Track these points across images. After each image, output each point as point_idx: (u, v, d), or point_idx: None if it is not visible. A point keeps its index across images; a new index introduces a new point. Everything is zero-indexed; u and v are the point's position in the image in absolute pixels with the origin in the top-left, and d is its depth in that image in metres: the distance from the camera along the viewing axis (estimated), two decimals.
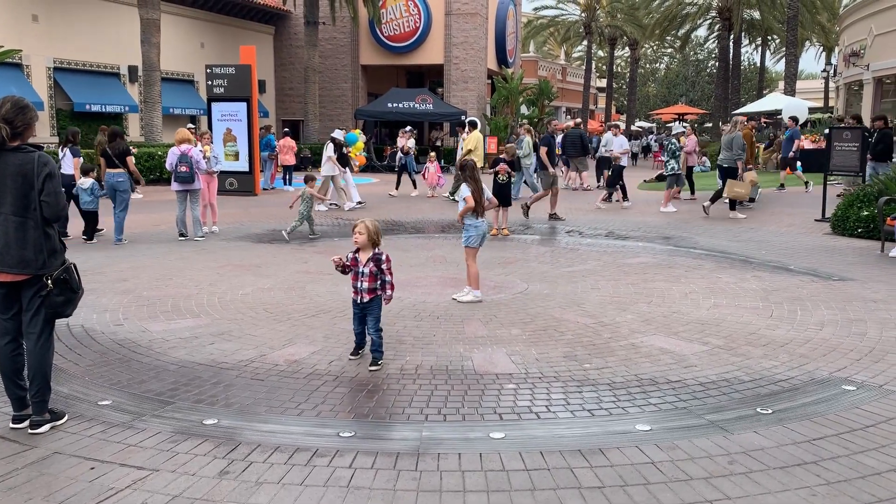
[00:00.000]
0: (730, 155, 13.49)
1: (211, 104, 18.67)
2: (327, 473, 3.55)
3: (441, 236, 11.53)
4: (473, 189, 7.10)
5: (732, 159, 13.46)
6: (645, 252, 9.93)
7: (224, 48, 29.13)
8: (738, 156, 13.40)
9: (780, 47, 52.18)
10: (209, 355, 5.44)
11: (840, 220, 11.22)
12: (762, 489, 3.37)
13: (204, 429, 4.11)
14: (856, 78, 32.04)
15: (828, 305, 6.80)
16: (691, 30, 48.09)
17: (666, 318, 6.42)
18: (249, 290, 7.65)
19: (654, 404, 4.44)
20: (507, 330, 6.10)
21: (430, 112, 28.70)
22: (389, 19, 31.55)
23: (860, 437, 3.94)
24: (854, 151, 12.19)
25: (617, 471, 3.56)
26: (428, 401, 4.51)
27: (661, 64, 72.45)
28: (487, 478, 3.50)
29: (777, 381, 4.82)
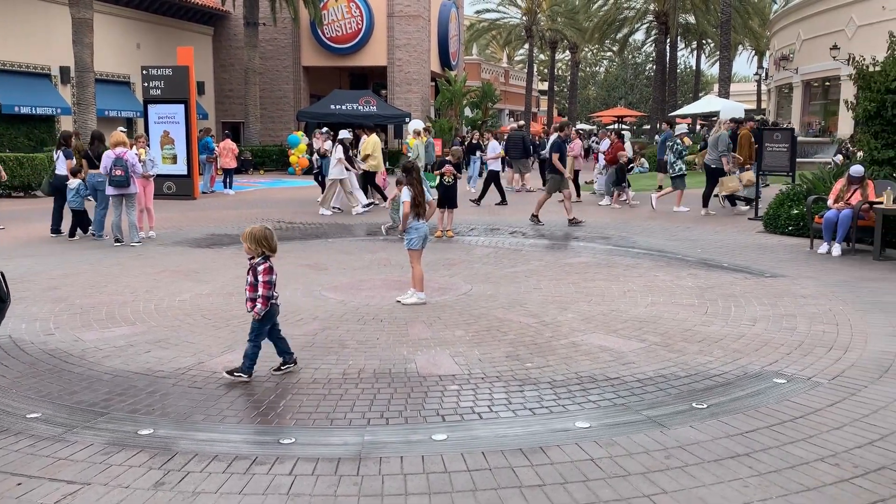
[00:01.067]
0: (716, 154, 13.91)
1: (147, 106, 18.24)
2: (267, 481, 3.50)
3: (386, 239, 11.48)
4: (416, 193, 7.10)
5: (719, 158, 13.90)
6: (586, 252, 10.08)
7: (161, 49, 28.46)
8: (722, 153, 13.83)
9: (714, 51, 53.73)
10: (145, 364, 5.30)
11: (771, 218, 11.61)
12: (697, 482, 3.45)
13: (139, 439, 4.00)
14: (786, 81, 33.20)
15: (760, 301, 7.02)
16: (629, 34, 49.15)
17: (605, 317, 6.53)
18: (187, 296, 7.49)
19: (593, 401, 4.51)
20: (451, 331, 6.11)
21: (373, 114, 28.55)
22: (331, 20, 31.34)
23: (790, 428, 4.07)
24: (784, 152, 12.62)
25: (557, 469, 3.60)
26: (370, 405, 4.49)
27: (600, 67, 73.80)
28: (429, 480, 3.50)
29: (712, 376, 4.95)
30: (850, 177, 9.70)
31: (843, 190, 9.77)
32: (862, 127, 11.44)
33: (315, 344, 5.76)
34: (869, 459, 3.67)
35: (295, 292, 7.61)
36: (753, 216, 13.00)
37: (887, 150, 10.68)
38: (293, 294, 7.53)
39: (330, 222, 13.61)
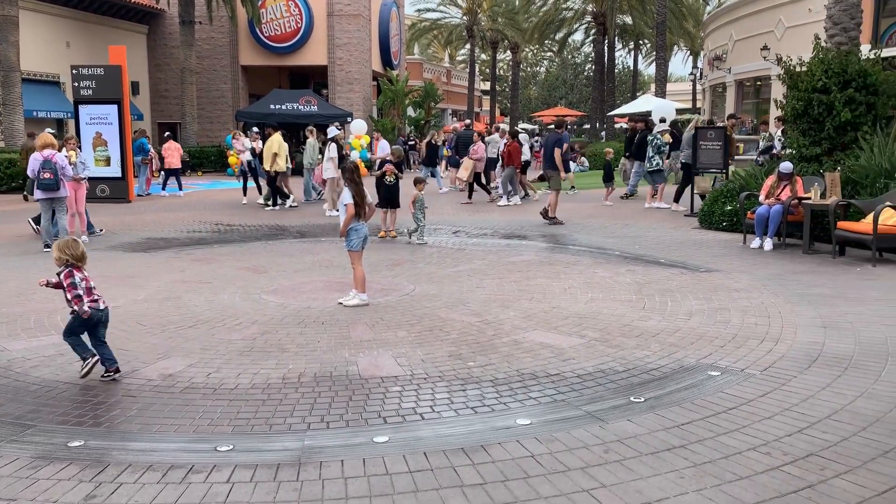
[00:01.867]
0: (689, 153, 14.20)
1: (79, 107, 17.66)
2: (203, 490, 3.42)
3: (327, 240, 11.37)
4: (355, 192, 7.03)
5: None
6: (528, 250, 10.18)
7: (92, 48, 27.58)
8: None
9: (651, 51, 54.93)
10: (76, 373, 5.12)
11: (706, 214, 11.91)
12: (635, 475, 3.51)
13: (69, 451, 3.86)
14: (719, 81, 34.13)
15: (695, 296, 7.19)
16: (568, 34, 49.80)
17: (546, 314, 6.60)
18: (121, 302, 7.26)
19: (534, 398, 4.55)
20: (394, 332, 6.08)
21: (315, 114, 28.29)
22: (270, 19, 30.89)
23: (724, 419, 4.18)
24: (717, 150, 12.97)
25: (498, 466, 3.61)
26: (311, 409, 4.43)
27: (541, 67, 74.62)
28: (371, 483, 3.47)
29: (649, 370, 5.05)
30: (780, 173, 10.02)
31: (773, 186, 10.09)
32: (790, 125, 11.85)
33: (254, 348, 5.66)
34: (798, 447, 3.79)
35: (233, 296, 7.47)
36: (689, 213, 13.31)
37: (814, 148, 11.09)
38: (231, 298, 7.39)
39: (271, 223, 13.40)
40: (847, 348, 5.44)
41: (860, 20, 12.57)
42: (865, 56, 11.06)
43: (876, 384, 4.69)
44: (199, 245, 11.01)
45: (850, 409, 4.29)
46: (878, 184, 9.76)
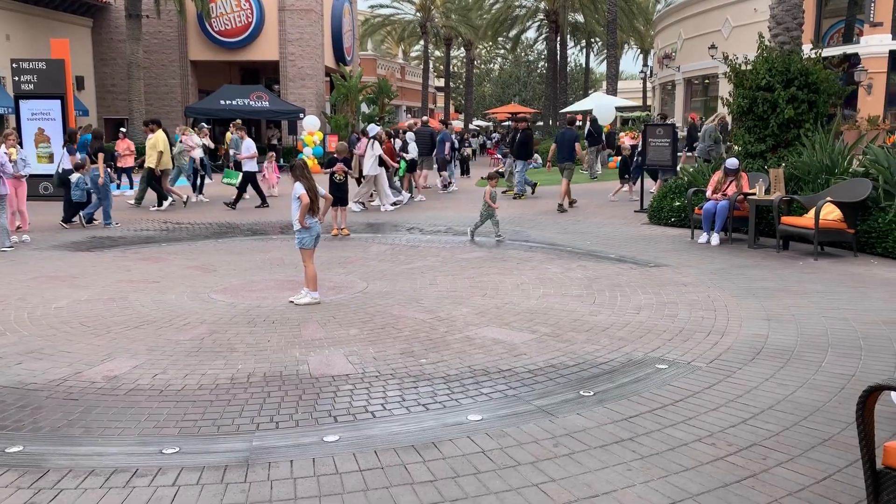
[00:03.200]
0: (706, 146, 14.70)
1: (19, 102, 17.11)
2: (148, 494, 3.34)
3: (279, 238, 11.24)
4: (308, 188, 6.94)
5: (708, 151, 14.92)
6: (481, 247, 10.21)
7: (34, 41, 26.74)
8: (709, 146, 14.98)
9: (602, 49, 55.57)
10: (15, 376, 4.96)
11: (655, 210, 12.12)
12: (583, 468, 3.55)
13: (7, 458, 3.73)
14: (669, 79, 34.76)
15: (644, 290, 7.30)
16: (521, 32, 50.12)
17: (499, 310, 6.63)
18: (64, 302, 7.07)
19: (485, 394, 4.56)
20: (346, 330, 6.04)
21: (266, 109, 27.95)
22: (219, 14, 30.35)
23: (671, 411, 4.26)
24: (666, 147, 13.20)
25: (449, 463, 3.62)
26: (260, 409, 4.37)
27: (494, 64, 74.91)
28: (320, 482, 3.44)
29: (598, 364, 5.11)
30: (726, 169, 10.24)
31: (720, 182, 10.31)
32: (736, 122, 12.12)
33: (202, 349, 5.56)
34: (742, 437, 3.88)
35: (181, 295, 7.33)
36: (639, 209, 13.52)
37: (759, 144, 11.36)
38: (179, 297, 7.25)
39: (221, 221, 13.18)
40: (789, 340, 5.59)
41: (802, 20, 12.93)
42: (807, 55, 11.37)
43: (816, 375, 4.83)
44: (147, 244, 10.77)
45: (791, 399, 4.40)
46: (819, 180, 10.06)
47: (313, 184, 7.01)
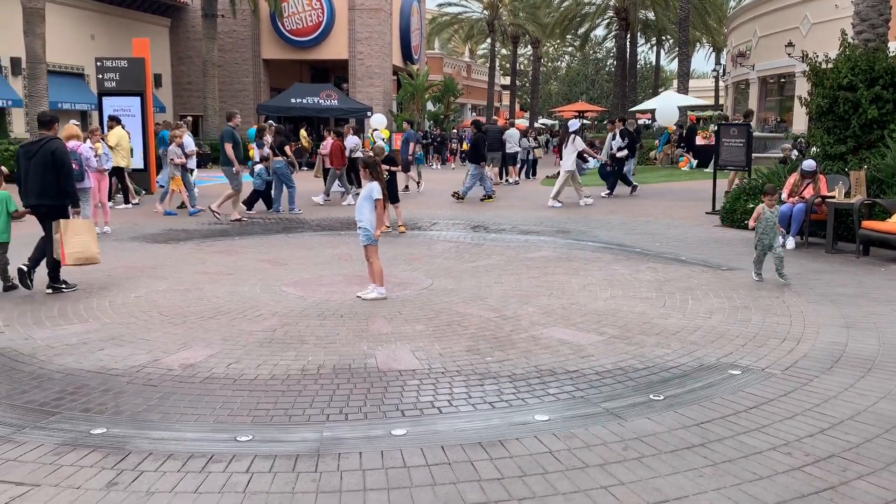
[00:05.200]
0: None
1: (102, 99, 17.84)
2: (223, 479, 3.45)
3: (346, 233, 11.41)
4: (382, 187, 7.09)
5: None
6: (546, 246, 10.14)
7: (116, 41, 27.84)
8: None
9: (673, 47, 54.46)
10: (98, 362, 5.19)
11: (728, 212, 11.81)
12: (653, 473, 3.49)
13: (91, 439, 3.91)
14: (742, 77, 33.80)
15: (716, 294, 7.13)
16: (590, 29, 49.52)
17: (565, 310, 6.57)
18: (143, 292, 7.34)
19: (552, 394, 4.54)
20: (412, 326, 6.09)
21: (335, 108, 28.41)
22: (291, 13, 31.00)
23: (744, 418, 4.15)
24: (740, 147, 12.84)
25: (516, 462, 3.61)
26: (329, 401, 4.45)
27: (562, 62, 74.25)
28: (388, 475, 3.48)
29: (669, 367, 5.02)
30: (803, 171, 9.91)
31: (796, 184, 9.98)
32: (815, 123, 11.71)
33: (274, 340, 5.69)
34: (820, 448, 3.75)
35: (254, 288, 7.52)
36: (711, 210, 13.20)
37: (839, 146, 10.94)
38: (252, 289, 7.44)
39: (290, 216, 13.47)
40: (870, 349, 5.38)
41: (889, 16, 12.38)
42: (893, 53, 10.89)
43: None
44: (221, 237, 11.09)
45: (872, 410, 4.24)
46: None
47: (384, 183, 7.14)
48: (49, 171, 7.24)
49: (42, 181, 7.26)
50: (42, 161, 7.23)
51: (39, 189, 7.29)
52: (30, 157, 7.29)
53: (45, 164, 7.23)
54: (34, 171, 7.27)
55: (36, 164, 7.26)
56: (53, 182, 7.27)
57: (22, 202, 7.50)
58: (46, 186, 7.27)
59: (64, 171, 7.29)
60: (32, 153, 7.29)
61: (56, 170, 7.25)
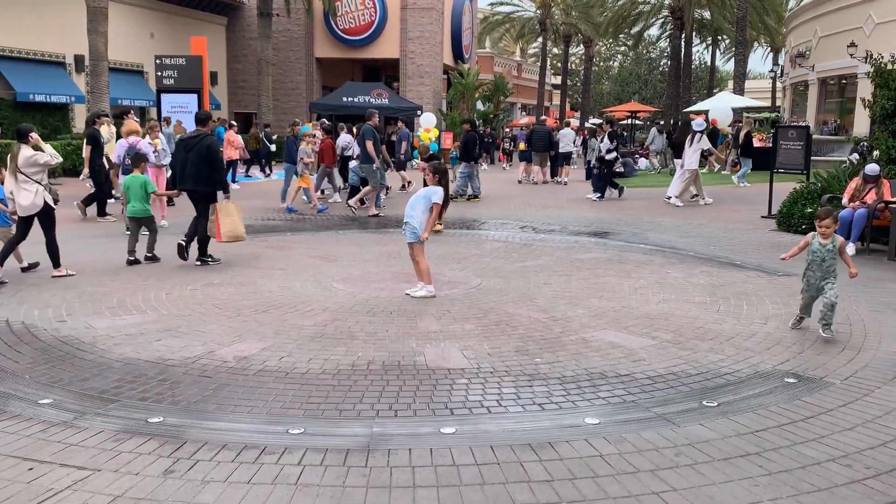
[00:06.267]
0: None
1: (161, 95, 18.30)
2: (275, 471, 3.51)
3: (395, 231, 11.47)
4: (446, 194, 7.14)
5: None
6: (597, 248, 10.04)
7: (175, 39, 28.52)
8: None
9: (729, 47, 53.35)
10: (155, 352, 5.32)
11: (785, 216, 11.51)
12: (707, 480, 3.43)
13: (149, 427, 4.02)
14: (801, 78, 32.93)
15: (773, 300, 6.97)
16: (644, 28, 48.82)
17: (616, 313, 6.50)
18: (199, 285, 7.51)
19: (603, 398, 4.49)
20: (460, 325, 6.10)
21: (385, 107, 28.57)
22: (345, 12, 31.31)
23: (801, 428, 4.04)
24: (799, 150, 12.52)
25: (566, 464, 3.59)
26: (379, 396, 4.49)
27: (614, 62, 73.36)
28: (437, 473, 3.50)
29: (723, 374, 4.92)
30: (865, 175, 9.61)
31: (858, 189, 9.68)
32: (879, 125, 11.33)
33: (325, 335, 5.76)
34: (881, 461, 3.64)
35: (305, 283, 7.63)
36: (767, 214, 12.90)
37: None
38: (303, 285, 7.55)
39: (342, 214, 13.60)
40: None
41: None
42: None
43: None
44: (273, 233, 11.27)
45: None
46: None
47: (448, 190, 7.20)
48: (204, 162, 8.39)
49: (198, 170, 8.42)
50: (198, 153, 8.39)
51: (195, 177, 8.45)
52: (188, 150, 8.48)
53: (200, 156, 8.38)
54: (191, 161, 8.43)
55: (193, 155, 8.41)
56: (207, 171, 8.43)
57: (178, 187, 8.76)
58: (201, 175, 8.43)
59: (216, 163, 8.49)
60: (191, 146, 8.48)
61: (210, 161, 8.41)
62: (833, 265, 5.80)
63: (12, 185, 7.70)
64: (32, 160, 7.68)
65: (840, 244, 5.82)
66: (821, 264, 5.82)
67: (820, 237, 5.86)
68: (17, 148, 7.73)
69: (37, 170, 7.73)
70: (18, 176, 7.62)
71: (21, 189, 7.64)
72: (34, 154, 7.72)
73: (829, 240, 5.82)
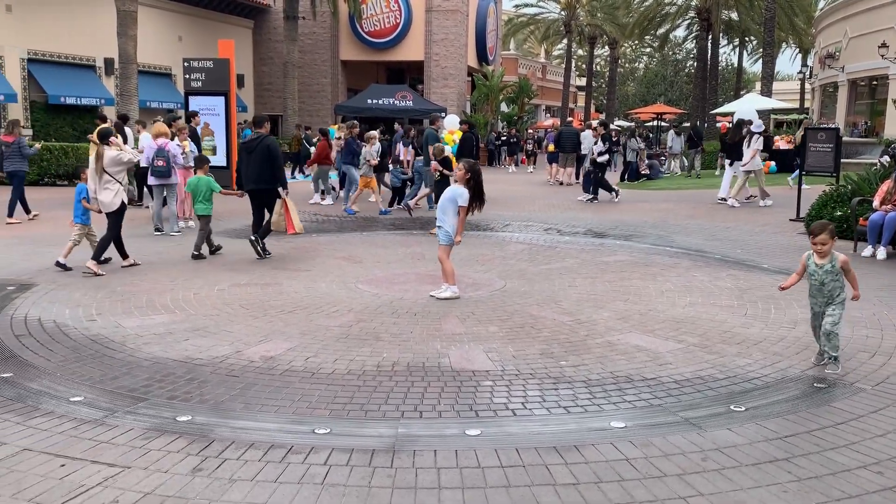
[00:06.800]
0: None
1: (188, 98, 18.48)
2: (302, 470, 3.53)
3: (419, 233, 11.51)
4: (472, 196, 7.13)
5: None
6: (622, 250, 9.98)
7: (202, 42, 28.84)
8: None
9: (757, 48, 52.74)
10: (184, 351, 5.39)
11: (814, 219, 11.34)
12: (734, 486, 3.40)
13: (177, 425, 4.06)
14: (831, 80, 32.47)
15: (801, 304, 6.84)
16: (670, 30, 48.49)
17: (642, 316, 6.46)
18: (226, 285, 7.59)
19: (629, 401, 4.47)
20: (485, 327, 6.10)
21: (410, 108, 28.67)
22: (370, 15, 31.46)
23: (831, 434, 3.99)
24: (828, 152, 12.35)
25: (592, 467, 3.57)
26: (404, 398, 4.50)
27: (640, 63, 72.91)
28: (463, 475, 3.50)
29: (750, 378, 4.87)
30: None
31: (889, 192, 9.52)
32: None
33: (350, 335, 5.79)
34: None
35: (331, 284, 7.67)
36: (795, 217, 12.74)
37: None
38: (329, 286, 7.59)
39: (366, 216, 13.66)
40: None
41: None
42: None
43: None
44: (299, 234, 11.31)
45: None
46: None
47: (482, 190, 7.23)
48: (265, 161, 8.91)
49: (259, 170, 8.93)
50: (259, 154, 8.91)
51: (257, 176, 8.97)
52: (249, 152, 9.01)
53: (262, 157, 8.90)
54: (253, 162, 8.95)
55: (254, 156, 8.93)
56: (268, 171, 8.94)
57: (241, 187, 9.41)
58: (263, 174, 8.95)
59: (276, 162, 9.01)
60: (252, 148, 9.01)
61: (270, 161, 8.93)
62: (836, 288, 4.98)
63: (96, 184, 8.30)
64: (117, 159, 8.29)
65: (841, 262, 4.96)
66: (821, 288, 5.02)
67: (816, 257, 5.03)
68: (101, 149, 8.29)
69: (120, 168, 8.33)
70: (103, 176, 8.22)
71: (103, 188, 8.25)
72: (119, 153, 8.33)
73: (826, 259, 4.97)
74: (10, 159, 12.43)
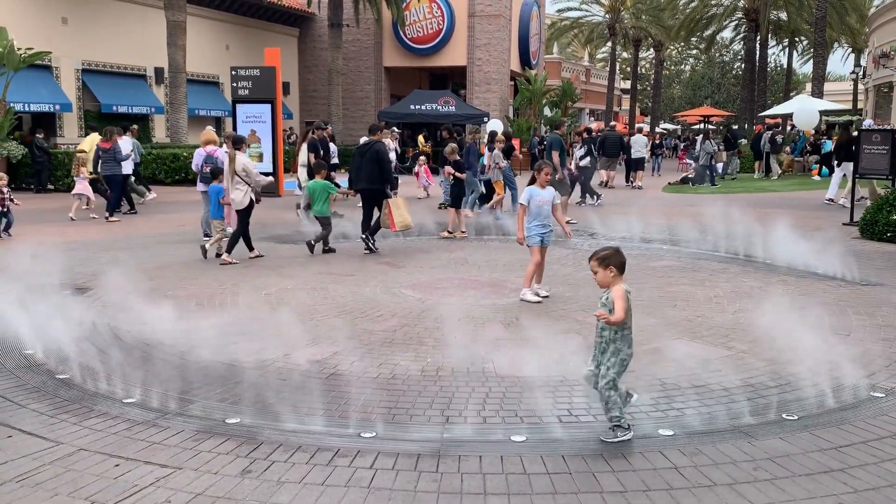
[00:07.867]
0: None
1: (236, 106, 18.82)
2: (348, 474, 3.56)
3: (461, 238, 11.51)
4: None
5: None
6: (669, 255, 9.84)
7: (249, 50, 29.37)
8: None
9: (807, 49, 51.58)
10: (232, 354, 5.48)
11: (869, 224, 11.05)
12: (787, 496, 3.32)
13: (227, 428, 4.13)
14: (885, 80, 31.54)
15: (856, 311, 6.69)
16: (717, 31, 47.66)
17: (690, 323, 6.36)
18: (273, 290, 7.70)
19: (677, 409, 4.40)
20: (529, 333, 6.06)
21: (452, 114, 28.69)
22: (413, 21, 31.62)
23: (889, 444, 3.87)
24: (884, 154, 12.00)
25: (640, 475, 3.53)
26: (449, 402, 4.51)
27: (686, 65, 71.88)
28: (508, 480, 3.49)
29: (803, 386, 4.75)
30: None
31: None
32: None
33: (394, 340, 5.83)
34: None
35: (375, 288, 7.73)
36: (848, 221, 12.40)
37: None
38: (373, 290, 7.64)
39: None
40: None
41: None
42: None
43: None
44: (342, 239, 11.43)
45: None
46: None
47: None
48: (375, 164, 9.92)
49: (370, 172, 9.96)
50: (371, 158, 9.96)
51: (368, 177, 9.99)
52: (362, 156, 10.07)
53: (373, 160, 9.93)
54: (365, 164, 10.00)
55: (366, 160, 9.99)
56: (378, 173, 9.94)
57: (354, 188, 10.45)
58: (373, 175, 9.97)
59: (385, 165, 10.01)
60: (364, 152, 10.09)
61: (380, 164, 9.93)
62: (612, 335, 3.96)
63: (228, 183, 9.41)
64: (249, 168, 9.45)
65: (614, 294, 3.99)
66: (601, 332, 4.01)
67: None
68: (233, 153, 9.39)
69: (248, 175, 9.40)
70: (234, 178, 9.28)
71: (234, 188, 9.33)
72: (250, 164, 9.57)
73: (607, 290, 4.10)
74: (107, 164, 13.44)
